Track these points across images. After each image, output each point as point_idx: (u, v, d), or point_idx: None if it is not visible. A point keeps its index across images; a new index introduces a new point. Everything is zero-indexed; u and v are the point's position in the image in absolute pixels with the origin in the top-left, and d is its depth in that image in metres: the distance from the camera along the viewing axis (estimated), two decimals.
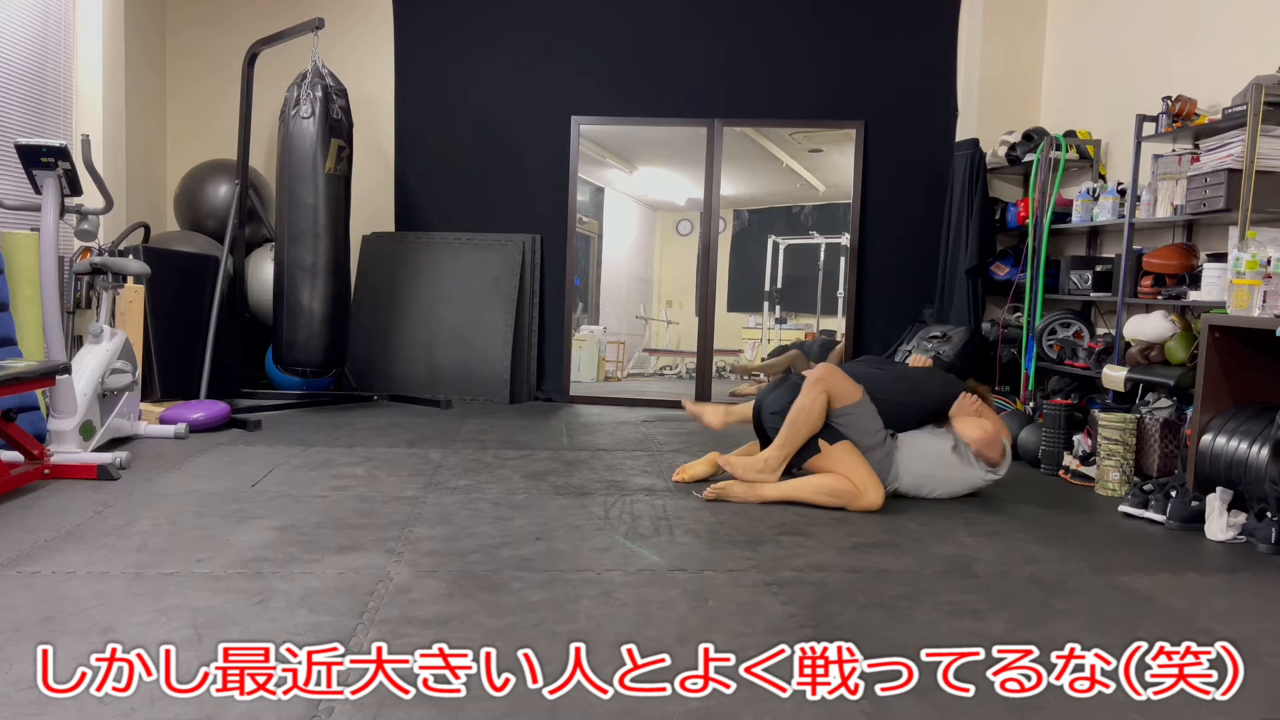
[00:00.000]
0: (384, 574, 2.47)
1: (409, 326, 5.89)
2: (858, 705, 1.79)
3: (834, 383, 3.37)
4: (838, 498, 3.27)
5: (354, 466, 3.78)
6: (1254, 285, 3.29)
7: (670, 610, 2.27)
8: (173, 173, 6.06)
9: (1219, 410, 3.34)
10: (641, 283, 6.05)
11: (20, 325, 4.04)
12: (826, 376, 3.38)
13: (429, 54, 6.03)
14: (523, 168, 6.05)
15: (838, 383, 3.38)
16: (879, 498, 3.26)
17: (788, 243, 5.91)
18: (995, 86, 5.76)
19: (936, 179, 5.84)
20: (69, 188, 3.80)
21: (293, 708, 1.71)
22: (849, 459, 3.32)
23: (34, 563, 2.48)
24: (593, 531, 2.94)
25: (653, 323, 6.05)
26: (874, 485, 3.27)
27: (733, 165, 5.89)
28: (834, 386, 3.37)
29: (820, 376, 3.37)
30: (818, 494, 3.29)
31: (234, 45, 5.84)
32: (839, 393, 3.37)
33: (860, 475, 3.28)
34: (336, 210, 5.06)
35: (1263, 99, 3.54)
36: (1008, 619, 2.28)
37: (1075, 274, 4.85)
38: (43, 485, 3.32)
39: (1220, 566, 2.79)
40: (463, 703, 1.75)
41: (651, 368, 6.02)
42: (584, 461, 4.05)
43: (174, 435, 4.24)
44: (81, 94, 4.90)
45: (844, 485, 3.27)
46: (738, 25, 5.95)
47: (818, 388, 3.34)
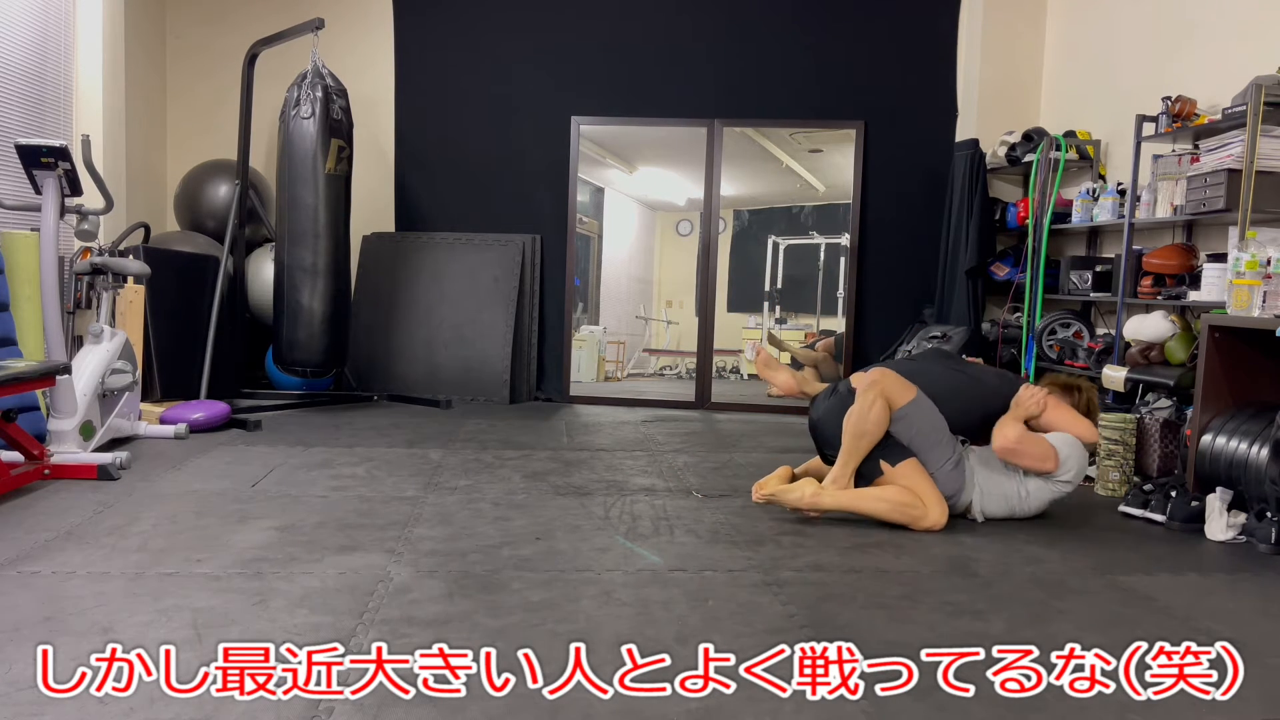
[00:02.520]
0: (384, 574, 2.47)
1: (409, 326, 5.89)
2: (858, 705, 1.79)
3: (887, 384, 3.13)
4: (901, 511, 3.05)
5: (354, 466, 3.78)
6: (1254, 285, 3.30)
7: (670, 610, 2.27)
8: (173, 173, 6.06)
9: (1219, 410, 3.34)
10: (641, 283, 6.05)
11: (20, 325, 4.04)
12: (879, 379, 3.15)
13: (429, 54, 6.03)
14: (523, 168, 6.06)
15: (891, 384, 3.14)
16: (942, 517, 3.05)
17: (788, 243, 5.91)
18: (995, 86, 5.76)
19: (936, 179, 5.84)
20: (69, 188, 3.80)
21: (293, 708, 1.71)
22: (913, 475, 3.09)
23: (34, 563, 2.48)
24: (593, 531, 2.94)
25: (653, 323, 6.05)
26: (938, 503, 3.06)
27: (732, 165, 5.89)
28: (888, 388, 3.12)
29: (873, 380, 3.15)
30: (878, 503, 3.07)
31: (234, 45, 5.84)
32: (894, 393, 3.12)
33: (924, 489, 3.07)
34: (336, 210, 5.06)
35: (1263, 99, 3.54)
36: (1008, 619, 2.28)
37: (1075, 274, 4.85)
38: (43, 485, 3.32)
39: (1220, 567, 2.79)
40: (463, 703, 1.75)
41: (651, 368, 6.02)
42: (584, 461, 4.05)
43: (174, 435, 4.24)
44: (81, 94, 4.90)
45: (908, 497, 3.06)
46: (737, 25, 5.95)
47: (872, 392, 3.11)
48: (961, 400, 3.24)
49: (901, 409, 3.12)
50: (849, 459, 3.12)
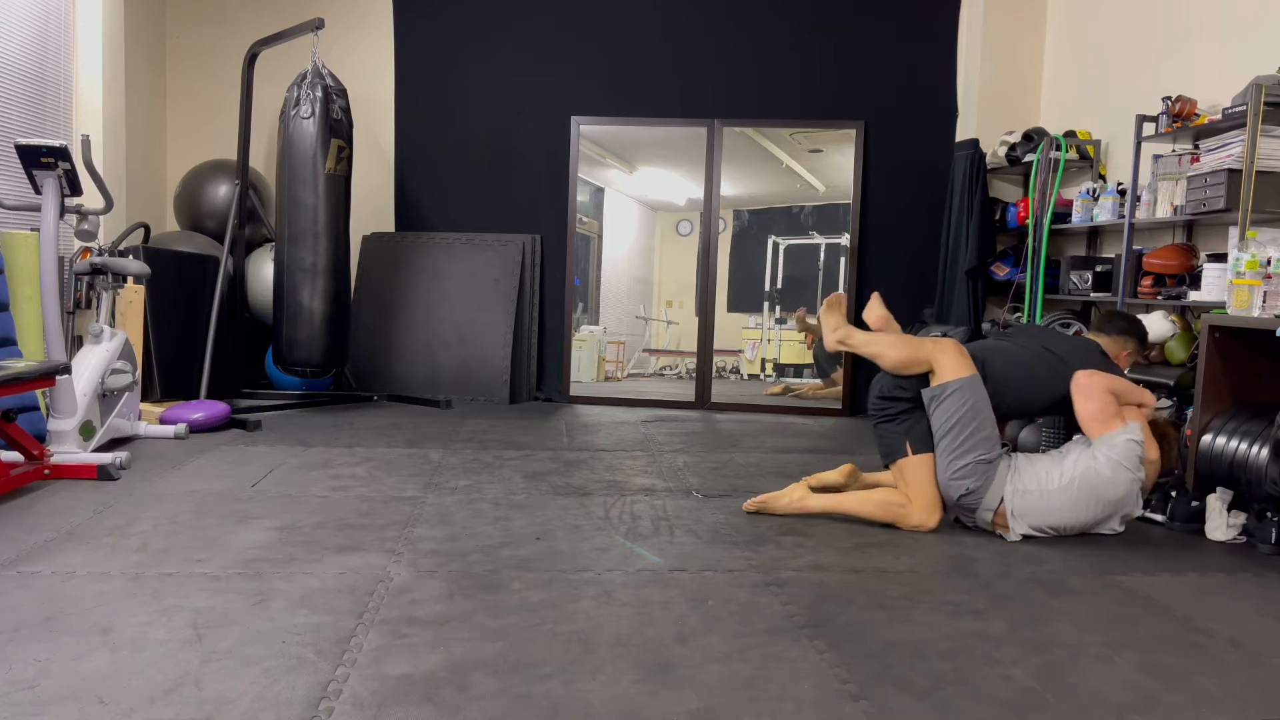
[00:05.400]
0: (384, 574, 2.47)
1: (409, 326, 5.89)
2: (858, 705, 1.79)
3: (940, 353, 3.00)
4: (886, 510, 3.04)
5: (354, 467, 3.78)
6: (1254, 285, 3.30)
7: (670, 610, 2.27)
8: (173, 173, 6.06)
9: (1219, 410, 3.34)
10: (641, 283, 6.05)
11: (20, 325, 4.04)
12: (949, 346, 3.03)
13: (429, 54, 6.03)
14: (523, 168, 6.06)
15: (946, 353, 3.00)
16: (929, 520, 3.01)
17: (788, 243, 5.91)
18: (995, 86, 5.76)
19: (936, 179, 5.84)
20: (69, 188, 3.80)
21: (293, 708, 1.71)
22: (918, 472, 3.03)
23: (34, 563, 2.48)
24: (593, 531, 2.94)
25: (653, 323, 6.05)
26: (927, 506, 3.01)
27: (732, 165, 5.89)
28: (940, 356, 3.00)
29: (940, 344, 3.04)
30: (863, 505, 3.08)
31: (234, 45, 5.85)
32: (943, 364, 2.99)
33: (918, 490, 3.02)
34: (336, 210, 5.06)
35: (1263, 99, 3.54)
36: (1008, 619, 2.28)
37: (1075, 274, 4.85)
38: (43, 485, 3.32)
39: (1220, 567, 2.79)
40: (463, 702, 1.75)
41: (651, 368, 6.02)
42: (584, 461, 4.05)
43: (174, 435, 4.24)
44: (81, 94, 4.90)
45: (895, 497, 3.05)
46: (738, 25, 5.96)
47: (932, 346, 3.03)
48: (1036, 378, 3.13)
49: (943, 385, 2.99)
50: (869, 337, 3.13)
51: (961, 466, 2.97)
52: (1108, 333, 3.43)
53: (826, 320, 3.23)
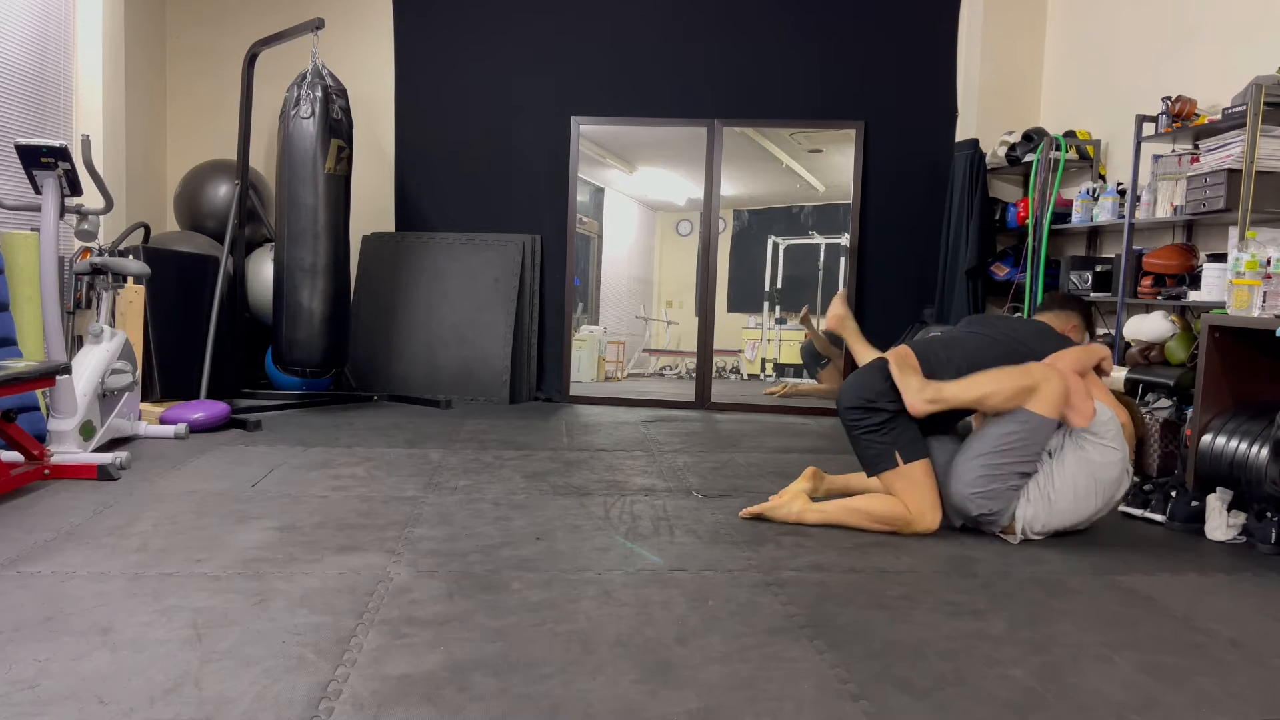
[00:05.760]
0: (384, 574, 2.47)
1: (409, 326, 5.89)
2: (858, 705, 1.79)
3: (1049, 385, 2.90)
4: (888, 523, 2.99)
5: (354, 467, 3.78)
6: (1254, 285, 3.30)
7: (670, 610, 2.27)
8: (173, 173, 6.06)
9: (1219, 410, 3.34)
10: (641, 283, 6.05)
11: (20, 325, 4.04)
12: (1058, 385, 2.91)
13: (429, 54, 6.03)
14: (523, 168, 6.06)
15: (1054, 389, 2.90)
16: (933, 524, 2.98)
17: (788, 243, 5.91)
18: (995, 86, 5.76)
19: (936, 179, 5.84)
20: (69, 188, 3.80)
21: (293, 708, 1.71)
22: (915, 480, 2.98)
23: (34, 563, 2.48)
24: (593, 531, 2.94)
25: (653, 323, 6.05)
26: (927, 511, 2.98)
27: (732, 165, 5.89)
28: (1047, 388, 2.90)
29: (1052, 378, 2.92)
30: (864, 520, 3.02)
31: (234, 45, 5.84)
32: (1048, 398, 2.89)
33: (916, 499, 2.97)
34: (336, 210, 5.06)
35: (1263, 99, 3.54)
36: (1008, 619, 2.28)
37: (1075, 274, 4.85)
38: (43, 485, 3.32)
39: (1221, 567, 2.79)
40: (463, 703, 1.75)
41: (651, 368, 6.02)
42: (584, 461, 4.05)
43: (174, 435, 4.24)
44: (81, 94, 4.90)
45: (896, 509, 2.99)
46: (738, 25, 5.96)
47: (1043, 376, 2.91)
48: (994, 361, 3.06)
49: (1031, 413, 2.89)
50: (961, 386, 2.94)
51: (990, 488, 2.92)
52: (1051, 310, 3.42)
53: (906, 382, 3.00)
